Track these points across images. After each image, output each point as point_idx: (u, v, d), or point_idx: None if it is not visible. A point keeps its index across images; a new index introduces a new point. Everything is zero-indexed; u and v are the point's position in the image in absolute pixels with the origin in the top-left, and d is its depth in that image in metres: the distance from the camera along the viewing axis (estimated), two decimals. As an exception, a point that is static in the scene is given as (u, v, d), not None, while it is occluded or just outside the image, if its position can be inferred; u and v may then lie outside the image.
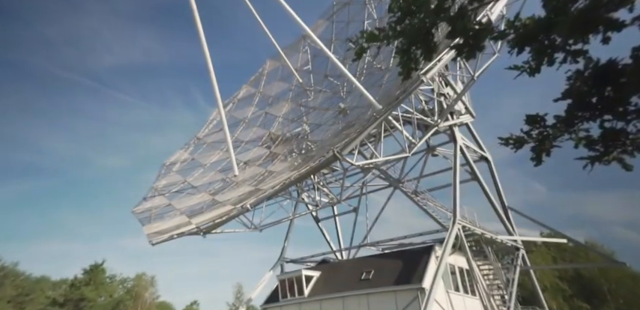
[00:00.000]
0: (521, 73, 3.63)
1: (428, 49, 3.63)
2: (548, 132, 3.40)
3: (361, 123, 18.53)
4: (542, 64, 3.33)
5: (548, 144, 3.48)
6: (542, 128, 3.46)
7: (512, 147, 3.82)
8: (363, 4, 24.78)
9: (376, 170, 22.24)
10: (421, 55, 3.69)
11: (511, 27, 3.23)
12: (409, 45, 3.58)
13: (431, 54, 3.64)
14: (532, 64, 3.46)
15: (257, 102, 26.61)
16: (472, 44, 3.34)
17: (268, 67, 28.18)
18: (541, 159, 3.61)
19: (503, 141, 3.86)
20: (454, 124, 19.93)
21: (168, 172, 22.74)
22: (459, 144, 19.79)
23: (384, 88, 21.57)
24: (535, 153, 3.63)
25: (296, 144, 23.01)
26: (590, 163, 3.10)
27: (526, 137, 3.72)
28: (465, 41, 3.35)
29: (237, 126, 25.08)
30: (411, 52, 3.64)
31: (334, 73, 25.18)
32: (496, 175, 21.20)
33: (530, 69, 3.50)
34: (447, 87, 19.60)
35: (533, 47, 3.25)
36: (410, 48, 3.60)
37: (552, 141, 3.43)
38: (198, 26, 16.52)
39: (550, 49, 3.11)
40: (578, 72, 3.00)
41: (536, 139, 3.58)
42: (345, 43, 25.70)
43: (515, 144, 3.82)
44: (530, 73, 3.53)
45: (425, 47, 3.62)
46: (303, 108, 25.46)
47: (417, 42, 3.59)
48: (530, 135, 3.65)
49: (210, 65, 16.34)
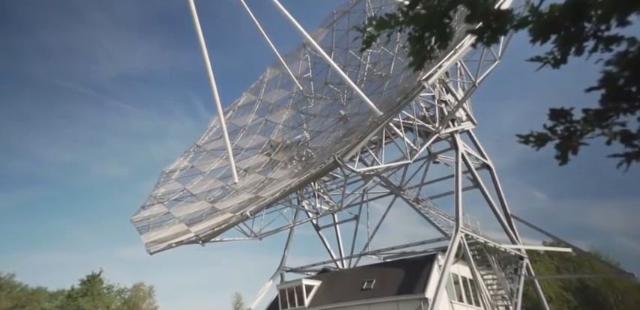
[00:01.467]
0: (543, 64, 3.32)
1: (443, 35, 3.32)
2: (575, 127, 3.08)
3: (362, 129, 18.30)
4: (568, 53, 3.03)
5: (575, 141, 3.15)
6: (568, 123, 3.15)
7: (534, 145, 3.48)
8: (363, 12, 24.81)
9: (377, 177, 21.92)
10: (436, 43, 3.37)
11: (535, 12, 2.93)
12: (423, 31, 3.26)
13: (446, 41, 3.33)
14: (557, 54, 3.15)
15: (257, 109, 26.43)
16: (495, 28, 3.04)
17: (269, 75, 28.09)
18: (567, 158, 3.29)
19: (523, 139, 3.52)
20: (455, 131, 19.70)
21: (168, 180, 22.41)
22: (460, 151, 19.51)
23: (384, 95, 21.41)
24: (560, 151, 3.30)
25: (296, 152, 22.72)
26: (626, 161, 2.78)
27: (549, 133, 3.38)
28: (486, 24, 3.05)
29: (237, 134, 24.83)
30: (424, 39, 3.32)
31: (334, 81, 25.06)
32: (498, 183, 20.88)
33: (554, 60, 3.19)
34: (448, 94, 19.42)
35: (560, 35, 2.95)
36: (424, 34, 3.29)
37: (580, 137, 3.11)
38: (199, 34, 16.43)
39: (579, 37, 2.83)
40: (619, 55, 2.71)
41: (561, 136, 3.26)
42: (345, 52, 25.68)
43: (537, 142, 3.47)
44: (554, 65, 3.22)
45: (440, 33, 3.31)
46: (303, 115, 25.27)
47: (432, 27, 3.27)
48: (555, 131, 3.32)
49: (210, 73, 16.21)
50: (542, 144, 3.46)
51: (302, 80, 26.48)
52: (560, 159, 3.33)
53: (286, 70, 25.24)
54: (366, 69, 24.20)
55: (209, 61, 16.28)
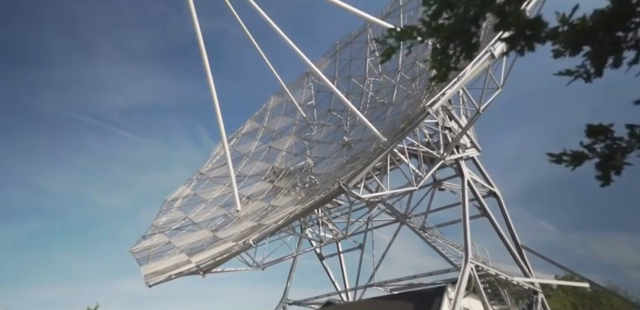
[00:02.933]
0: (575, 78, 3.09)
1: (469, 46, 3.14)
2: (618, 144, 2.80)
3: (367, 155, 18.09)
4: (604, 66, 2.82)
5: (618, 160, 2.86)
6: (609, 140, 2.87)
7: (569, 164, 3.18)
8: (365, 43, 25.44)
9: (382, 204, 21.41)
10: (461, 53, 3.18)
11: (566, 23, 2.75)
12: (447, 42, 3.09)
13: (472, 51, 3.15)
14: (589, 67, 2.93)
15: (261, 136, 26.44)
16: (530, 35, 2.85)
17: (272, 103, 28.39)
18: (609, 179, 2.99)
19: (555, 158, 3.23)
20: (460, 158, 19.45)
21: (170, 209, 21.95)
22: (466, 178, 19.14)
23: (387, 122, 21.41)
24: (602, 171, 3.00)
25: (299, 178, 22.40)
26: None
27: (587, 152, 3.09)
28: (520, 32, 2.86)
29: (240, 161, 24.64)
30: (448, 49, 3.14)
31: (338, 108, 25.24)
32: (507, 211, 20.23)
33: (587, 74, 2.97)
34: (451, 120, 19.39)
35: (594, 47, 2.75)
36: (448, 45, 3.11)
37: (624, 155, 2.82)
38: (206, 65, 16.72)
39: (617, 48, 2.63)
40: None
41: (601, 154, 2.97)
42: (348, 80, 26.07)
43: (573, 162, 3.17)
44: (587, 79, 3.00)
45: (466, 43, 3.13)
46: (306, 142, 25.20)
47: (457, 38, 3.09)
48: (593, 149, 3.04)
49: (215, 101, 16.30)
50: (578, 163, 3.16)
51: (305, 108, 26.69)
52: (602, 180, 3.02)
53: (290, 98, 25.51)
54: (368, 96, 24.42)
55: (214, 90, 16.44)
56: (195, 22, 16.51)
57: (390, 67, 23.83)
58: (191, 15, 16.52)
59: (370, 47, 25.06)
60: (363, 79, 25.07)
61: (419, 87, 21.15)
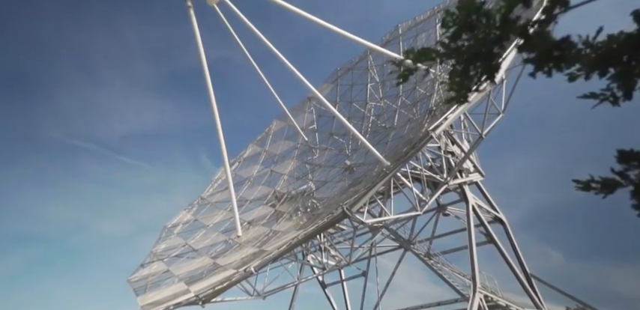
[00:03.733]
0: (601, 102, 2.96)
1: (491, 67, 3.05)
2: (655, 171, 2.63)
3: (369, 179, 17.86)
4: (634, 88, 2.70)
5: (656, 188, 2.67)
6: (644, 166, 2.70)
7: (598, 192, 2.99)
8: (366, 69, 25.90)
9: (385, 230, 20.91)
10: (482, 75, 3.08)
11: (589, 45, 2.66)
12: (468, 63, 3.00)
13: (494, 73, 3.05)
14: (616, 90, 2.81)
15: (263, 160, 26.32)
16: (558, 56, 2.75)
17: (275, 127, 28.50)
18: (647, 208, 2.78)
19: (582, 185, 3.05)
20: (464, 182, 19.19)
21: (169, 235, 21.44)
22: (470, 203, 18.80)
23: (389, 146, 21.35)
24: (638, 199, 2.80)
25: (301, 202, 22.03)
26: None
27: (619, 178, 2.90)
28: (547, 53, 2.76)
29: (242, 185, 24.37)
30: (469, 70, 3.04)
31: (339, 132, 25.28)
32: (513, 238, 19.67)
33: (613, 97, 2.84)
34: (454, 145, 19.32)
35: (619, 69, 2.65)
36: (469, 66, 3.02)
37: (661, 183, 2.64)
38: (210, 91, 16.87)
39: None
40: None
41: (636, 181, 2.78)
42: (349, 105, 26.30)
43: (604, 189, 2.98)
44: (614, 102, 2.87)
45: (487, 65, 3.03)
46: (308, 165, 25.04)
47: (478, 59, 3.00)
48: (626, 176, 2.85)
49: (218, 125, 16.28)
50: (610, 191, 2.97)
51: (307, 131, 26.76)
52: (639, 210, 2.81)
53: (292, 122, 25.61)
54: (370, 121, 24.52)
55: (218, 115, 16.45)
56: (201, 49, 16.84)
57: (391, 92, 24.14)
58: (197, 43, 16.88)
59: (371, 73, 25.48)
60: (364, 104, 25.30)
61: (420, 112, 21.27)
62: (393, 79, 24.17)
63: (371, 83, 25.35)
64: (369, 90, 25.33)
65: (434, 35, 21.75)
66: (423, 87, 21.50)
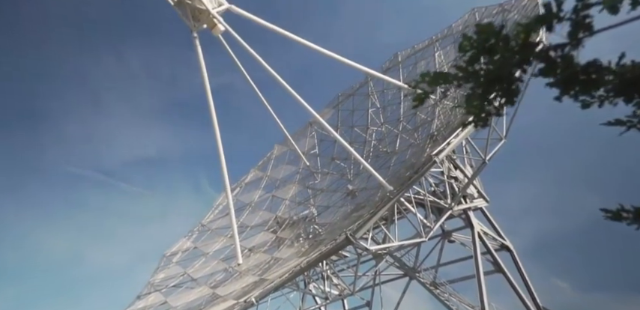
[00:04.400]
0: (628, 129, 2.80)
1: (511, 90, 2.95)
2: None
3: (372, 204, 17.53)
4: None
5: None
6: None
7: (631, 223, 2.78)
8: (366, 95, 26.21)
9: (389, 257, 20.26)
10: (502, 98, 2.99)
11: (611, 71, 2.56)
12: (486, 87, 2.90)
13: (514, 97, 2.96)
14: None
15: (264, 185, 26.03)
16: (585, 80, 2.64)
17: (276, 152, 28.43)
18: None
19: (611, 215, 2.85)
20: (468, 208, 18.81)
21: (168, 264, 20.74)
22: (476, 230, 18.33)
23: (392, 170, 21.16)
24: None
25: (303, 228, 21.52)
26: None
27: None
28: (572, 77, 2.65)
29: (243, 211, 23.92)
30: (487, 95, 2.95)
31: (341, 156, 25.17)
32: (522, 268, 18.96)
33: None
34: (456, 170, 19.13)
35: None
36: (488, 90, 2.92)
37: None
38: (213, 117, 16.90)
39: None
40: None
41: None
42: (351, 130, 26.37)
43: (637, 220, 2.77)
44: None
45: (507, 89, 2.94)
46: (310, 190, 24.71)
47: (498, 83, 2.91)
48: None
49: (221, 152, 16.14)
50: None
51: (309, 156, 26.65)
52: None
53: (293, 147, 25.56)
54: (371, 145, 24.48)
55: (220, 141, 16.36)
56: (205, 77, 17.06)
57: (392, 116, 24.28)
58: (201, 71, 17.13)
59: (372, 99, 25.75)
60: (365, 129, 25.37)
61: (421, 137, 21.27)
62: (394, 105, 24.40)
63: (372, 108, 25.56)
64: (370, 115, 25.50)
65: (433, 63, 22.19)
66: (424, 113, 21.63)
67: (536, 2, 15.33)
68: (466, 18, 20.91)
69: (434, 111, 20.60)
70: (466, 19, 20.86)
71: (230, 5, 17.56)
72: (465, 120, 16.27)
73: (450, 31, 21.80)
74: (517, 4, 17.16)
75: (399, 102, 23.68)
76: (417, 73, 23.53)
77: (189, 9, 16.65)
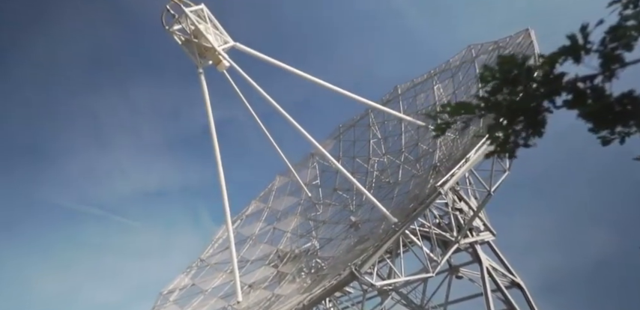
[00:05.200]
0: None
1: (537, 121, 2.79)
2: None
3: (376, 236, 16.92)
4: None
5: None
6: None
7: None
8: (367, 126, 26.34)
9: (395, 294, 19.25)
10: (528, 130, 2.83)
11: None
12: (511, 118, 2.75)
13: (540, 128, 2.78)
14: None
15: (265, 217, 25.39)
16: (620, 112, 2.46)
17: (278, 183, 28.07)
18: None
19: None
20: (475, 242, 18.13)
21: (165, 303, 19.64)
22: (484, 265, 17.55)
23: (395, 201, 20.71)
24: None
25: (305, 262, 20.66)
26: None
27: None
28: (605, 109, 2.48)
29: (243, 244, 23.12)
30: (512, 125, 2.78)
31: (343, 187, 24.79)
32: (535, 307, 17.89)
33: None
34: (461, 201, 18.68)
35: None
36: (513, 121, 2.76)
37: None
38: (216, 149, 16.83)
39: None
40: None
41: None
42: (352, 160, 26.22)
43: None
44: None
45: (533, 120, 2.78)
46: (312, 222, 24.08)
47: (523, 114, 2.76)
48: None
49: (223, 184, 15.82)
50: None
51: (310, 187, 26.28)
52: None
53: (295, 178, 25.26)
54: (373, 176, 24.20)
55: (222, 173, 16.10)
56: (209, 111, 17.25)
57: (394, 147, 24.21)
58: (205, 105, 17.33)
59: (373, 130, 25.84)
60: (367, 159, 25.21)
61: (423, 168, 21.05)
62: (395, 136, 24.43)
63: (373, 139, 25.58)
64: (372, 145, 25.46)
65: (432, 96, 22.51)
66: (426, 144, 21.57)
67: (530, 40, 15.77)
68: (463, 54, 21.54)
69: (435, 142, 20.54)
70: (463, 55, 21.48)
71: (235, 43, 18.15)
72: (467, 151, 16.15)
73: (448, 66, 22.36)
74: (512, 42, 17.69)
75: (400, 133, 23.73)
76: (417, 105, 23.83)
77: (196, 47, 17.21)
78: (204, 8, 17.50)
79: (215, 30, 17.78)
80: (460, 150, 17.66)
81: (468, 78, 20.28)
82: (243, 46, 18.39)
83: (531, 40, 15.70)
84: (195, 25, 16.69)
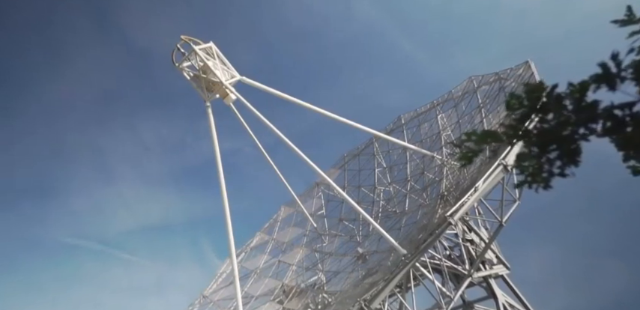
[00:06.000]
0: None
1: (570, 150, 2.58)
2: None
3: (386, 269, 16.14)
4: None
5: None
6: None
7: None
8: (372, 155, 26.19)
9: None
10: (562, 159, 2.61)
11: None
12: (543, 146, 2.54)
13: (576, 157, 2.57)
14: None
15: (270, 249, 24.57)
16: None
17: (283, 214, 27.49)
18: None
19: None
20: (489, 275, 17.21)
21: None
22: (500, 301, 16.54)
23: (403, 232, 20.05)
24: None
25: (312, 297, 19.64)
26: None
27: None
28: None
29: (247, 279, 22.17)
30: (545, 154, 2.57)
31: (349, 217, 24.18)
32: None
33: None
34: (471, 232, 18.00)
35: None
36: (546, 149, 2.55)
37: None
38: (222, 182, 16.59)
39: None
40: None
41: None
42: (358, 190, 25.80)
43: None
44: None
45: (567, 148, 2.57)
46: (317, 254, 23.21)
47: (556, 142, 2.56)
48: None
49: (228, 217, 15.40)
50: None
51: (316, 217, 25.66)
52: None
53: (300, 208, 24.74)
54: (380, 205, 23.66)
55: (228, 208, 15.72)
56: (215, 142, 17.25)
57: (399, 176, 23.88)
58: (212, 137, 17.37)
59: (378, 159, 25.65)
60: (373, 188, 24.79)
61: (431, 197, 20.58)
62: (400, 164, 24.18)
63: (378, 168, 25.32)
64: (377, 175, 25.15)
65: (436, 125, 22.54)
66: (432, 172, 21.26)
67: (531, 72, 15.97)
68: (464, 84, 21.86)
69: (442, 170, 20.25)
70: (464, 86, 21.78)
71: (241, 77, 18.57)
72: (476, 179, 15.76)
73: (450, 96, 22.60)
74: (513, 73, 17.95)
75: (406, 162, 23.50)
76: (421, 135, 23.79)
77: (204, 82, 17.63)
78: (212, 46, 18.10)
79: (222, 65, 18.25)
80: (467, 178, 17.31)
81: (470, 108, 20.37)
82: (248, 80, 18.79)
83: (532, 71, 15.90)
84: (204, 62, 17.17)
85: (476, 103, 19.96)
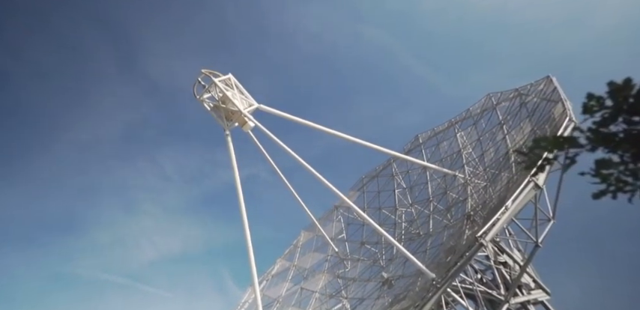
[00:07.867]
0: None
1: None
2: None
3: (415, 295, 15.13)
4: None
5: None
6: None
7: None
8: (391, 176, 25.58)
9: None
10: None
11: None
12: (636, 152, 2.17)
13: None
14: None
15: (292, 276, 23.64)
16: None
17: (303, 239, 26.71)
18: None
19: None
20: (527, 301, 15.91)
21: None
22: (541, 327, 15.17)
23: (429, 254, 19.04)
24: None
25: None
26: None
27: None
28: None
29: (270, 308, 21.18)
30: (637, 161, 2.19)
31: (371, 240, 23.27)
32: None
33: None
34: (503, 254, 16.88)
35: None
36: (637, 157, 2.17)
37: None
38: (243, 212, 16.33)
39: None
40: None
41: None
42: (379, 211, 24.97)
43: None
44: None
45: None
46: (341, 280, 22.18)
47: None
48: None
49: (250, 246, 14.96)
50: None
51: (337, 242, 24.81)
52: None
53: (321, 232, 24.02)
54: (402, 227, 22.75)
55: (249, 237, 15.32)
56: (235, 170, 17.20)
57: (420, 197, 23.09)
58: (232, 165, 17.37)
59: (397, 180, 25.01)
60: (394, 210, 23.99)
61: (455, 218, 19.68)
62: (420, 184, 23.45)
63: (398, 189, 24.62)
64: (397, 196, 24.41)
65: (455, 143, 22.00)
66: (455, 192, 20.47)
67: (554, 86, 15.52)
68: (483, 102, 21.44)
69: (465, 189, 19.47)
70: (483, 103, 21.37)
71: (259, 105, 18.83)
72: (504, 197, 14.93)
73: (469, 114, 22.15)
74: (534, 89, 17.52)
75: (426, 181, 22.78)
76: (440, 154, 23.18)
77: (224, 111, 17.98)
78: (231, 77, 18.61)
79: (240, 94, 18.62)
80: (495, 197, 16.49)
81: (491, 125, 19.83)
82: (266, 107, 19.04)
83: (554, 86, 15.45)
84: (223, 92, 17.59)
85: (496, 120, 19.44)
